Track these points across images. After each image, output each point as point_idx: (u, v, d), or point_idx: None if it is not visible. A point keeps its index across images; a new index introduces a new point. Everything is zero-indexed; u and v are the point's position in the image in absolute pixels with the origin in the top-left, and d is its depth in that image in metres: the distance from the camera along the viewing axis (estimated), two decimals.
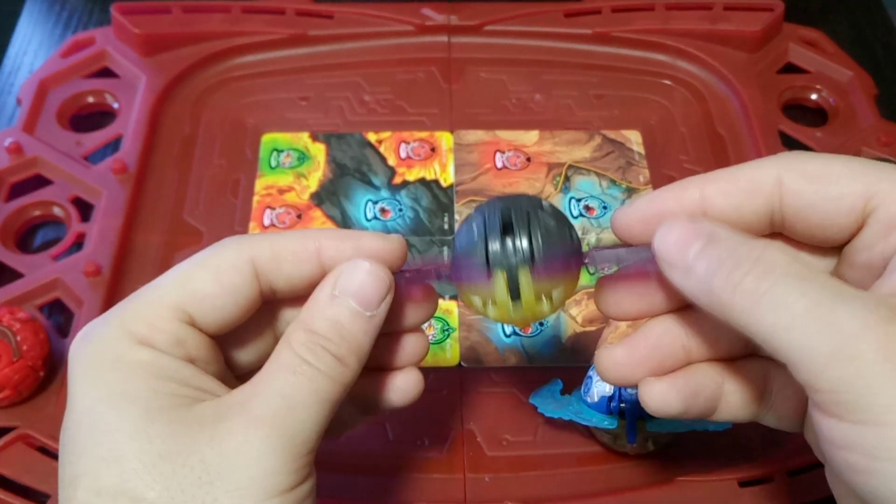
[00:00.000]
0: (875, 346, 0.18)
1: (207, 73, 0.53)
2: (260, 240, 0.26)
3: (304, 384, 0.24)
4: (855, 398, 0.19)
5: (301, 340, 0.25)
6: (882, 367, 0.18)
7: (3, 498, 0.35)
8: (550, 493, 0.36)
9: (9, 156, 0.47)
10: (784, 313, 0.20)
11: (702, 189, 0.25)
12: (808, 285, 0.20)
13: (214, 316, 0.25)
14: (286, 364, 0.25)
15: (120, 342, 0.24)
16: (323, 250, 0.26)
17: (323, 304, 0.26)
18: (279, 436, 0.23)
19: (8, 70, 0.54)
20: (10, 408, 0.38)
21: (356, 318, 0.25)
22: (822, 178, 0.24)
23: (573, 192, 0.47)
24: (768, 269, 0.21)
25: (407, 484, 0.37)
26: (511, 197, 0.26)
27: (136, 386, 0.23)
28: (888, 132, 0.48)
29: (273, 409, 0.23)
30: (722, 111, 0.51)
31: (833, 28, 0.55)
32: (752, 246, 0.22)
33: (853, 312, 0.19)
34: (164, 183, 0.48)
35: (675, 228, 0.23)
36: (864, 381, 0.18)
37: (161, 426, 0.23)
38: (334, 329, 0.25)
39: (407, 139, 0.50)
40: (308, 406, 0.24)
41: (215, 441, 0.23)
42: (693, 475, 0.36)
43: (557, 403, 0.36)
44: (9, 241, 0.45)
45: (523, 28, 0.54)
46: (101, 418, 0.23)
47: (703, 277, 0.22)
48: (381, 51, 0.54)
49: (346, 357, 0.25)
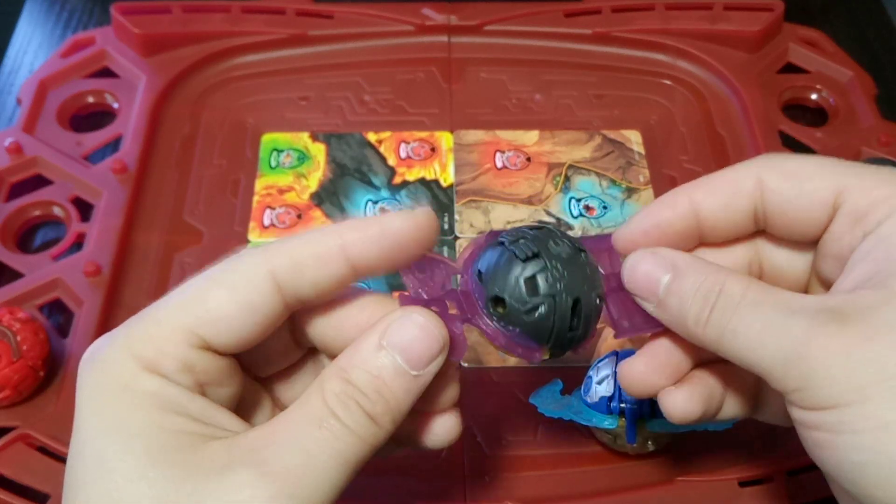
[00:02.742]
0: (819, 346, 0.22)
1: (207, 73, 0.53)
2: (277, 249, 0.24)
3: (329, 442, 0.22)
4: (814, 391, 0.22)
5: (335, 391, 0.23)
6: (828, 363, 0.21)
7: (3, 498, 0.35)
8: (550, 493, 0.36)
9: (9, 156, 0.47)
10: (746, 338, 0.23)
11: (690, 196, 0.26)
12: (762, 308, 0.23)
13: (231, 336, 0.24)
14: (313, 414, 0.23)
15: (126, 367, 0.23)
16: (347, 246, 0.24)
17: (366, 355, 0.23)
18: (290, 496, 0.21)
19: (8, 70, 0.54)
20: (10, 408, 0.38)
21: (400, 375, 0.23)
22: (796, 175, 0.25)
23: (573, 192, 0.47)
24: (729, 302, 0.24)
25: (407, 484, 0.37)
26: (568, 261, 0.25)
27: (139, 420, 0.22)
28: (888, 132, 0.48)
29: (289, 466, 0.21)
30: (722, 111, 0.51)
31: (833, 28, 0.55)
32: (713, 280, 0.24)
33: (799, 322, 0.22)
34: (164, 183, 0.48)
35: (640, 263, 0.26)
36: (817, 376, 0.22)
37: (163, 469, 0.21)
38: (373, 385, 0.23)
39: (407, 139, 0.50)
40: (328, 467, 0.22)
41: (220, 492, 0.21)
42: (693, 475, 0.36)
43: (557, 403, 0.36)
44: (9, 241, 0.45)
45: (523, 28, 0.54)
46: (102, 454, 0.22)
47: (676, 315, 0.25)
48: (381, 51, 0.53)
49: (381, 417, 0.23)
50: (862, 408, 0.21)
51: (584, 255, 0.26)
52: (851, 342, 0.21)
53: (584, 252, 0.26)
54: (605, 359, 0.36)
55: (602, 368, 0.35)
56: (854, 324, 0.22)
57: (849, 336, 0.21)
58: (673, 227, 0.27)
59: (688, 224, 0.27)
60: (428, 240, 0.25)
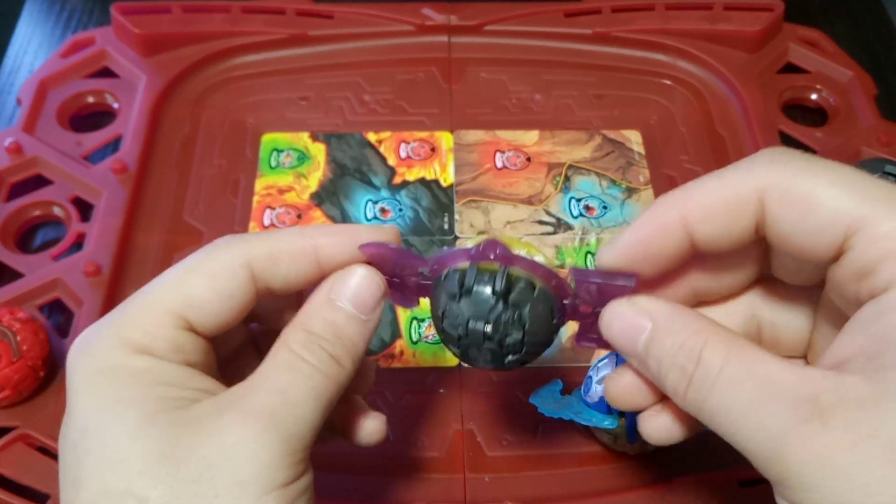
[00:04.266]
0: (797, 448, 0.20)
1: (207, 73, 0.53)
2: (256, 240, 0.26)
3: (301, 380, 0.25)
4: (793, 494, 0.21)
5: (299, 339, 0.25)
6: (805, 469, 0.20)
7: (3, 498, 0.35)
8: (550, 493, 0.36)
9: (9, 156, 0.47)
10: (724, 420, 0.22)
11: (681, 211, 0.24)
12: (740, 388, 0.22)
13: (211, 320, 0.26)
14: (283, 361, 0.25)
15: (117, 352, 0.24)
16: (319, 248, 0.26)
17: (321, 307, 0.26)
18: (275, 430, 0.23)
19: (8, 70, 0.54)
20: (10, 408, 0.38)
21: (352, 320, 0.26)
22: (803, 206, 0.22)
23: (573, 191, 0.47)
24: (706, 376, 0.22)
25: (407, 484, 0.37)
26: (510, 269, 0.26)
27: (133, 392, 0.24)
28: (888, 132, 0.48)
29: (270, 404, 0.24)
30: (722, 111, 0.51)
31: (833, 28, 0.55)
32: (692, 344, 0.23)
33: (778, 415, 0.21)
34: (164, 183, 0.48)
35: (617, 318, 0.25)
36: (794, 479, 0.20)
37: (162, 428, 0.23)
38: (331, 329, 0.26)
39: (407, 139, 0.50)
40: (305, 402, 0.24)
41: (214, 436, 0.23)
42: (693, 475, 0.36)
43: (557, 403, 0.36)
44: (9, 241, 0.45)
45: (523, 28, 0.54)
46: (104, 424, 0.23)
47: (655, 378, 0.24)
48: (381, 51, 0.54)
49: (342, 357, 0.26)
50: None
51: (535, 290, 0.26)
52: (831, 448, 0.20)
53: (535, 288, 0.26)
54: (605, 359, 0.36)
55: (602, 368, 0.35)
56: (836, 426, 0.20)
57: (828, 440, 0.20)
58: (662, 252, 0.25)
59: (679, 248, 0.25)
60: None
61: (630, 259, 0.25)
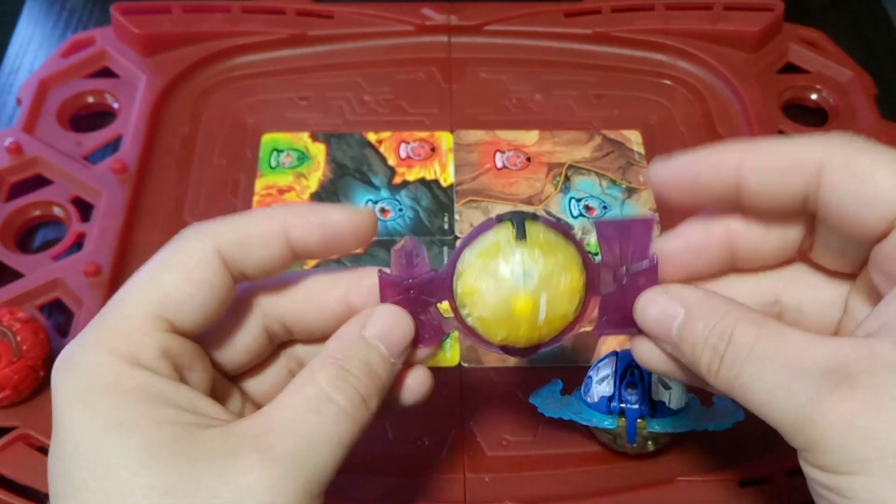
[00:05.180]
0: (824, 413, 0.21)
1: (207, 73, 0.53)
2: (222, 226, 0.26)
3: (328, 426, 0.24)
4: (820, 455, 0.21)
5: (332, 375, 0.25)
6: (831, 431, 0.21)
7: (3, 498, 0.35)
8: (550, 493, 0.36)
9: (9, 156, 0.47)
10: (754, 394, 0.23)
11: (741, 159, 0.24)
12: (770, 364, 0.22)
13: (192, 316, 0.25)
14: (310, 400, 0.24)
15: (106, 364, 0.23)
16: (289, 229, 0.26)
17: (354, 344, 0.26)
18: (296, 477, 0.22)
19: (8, 70, 0.54)
20: (10, 408, 0.38)
21: (384, 362, 0.26)
22: (861, 178, 0.23)
23: (573, 192, 0.47)
24: (738, 354, 0.23)
25: (407, 484, 0.37)
26: None
27: (132, 415, 0.22)
28: (888, 132, 0.48)
29: (292, 449, 0.23)
30: (722, 111, 0.51)
31: (833, 28, 0.55)
32: (723, 326, 0.24)
33: (806, 386, 0.21)
34: (164, 183, 0.48)
35: (651, 306, 0.25)
36: (822, 443, 0.21)
37: (166, 461, 0.22)
38: (366, 369, 0.25)
39: (407, 139, 0.50)
40: (327, 449, 0.23)
41: (227, 477, 0.22)
42: (693, 475, 0.36)
43: (557, 403, 0.36)
44: (9, 241, 0.44)
45: (523, 28, 0.54)
46: (102, 452, 0.22)
47: (689, 361, 0.25)
48: (381, 51, 0.54)
49: (371, 399, 0.25)
50: (862, 480, 0.20)
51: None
52: (857, 410, 0.21)
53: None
54: (605, 359, 0.36)
55: (602, 368, 0.35)
56: (862, 389, 0.21)
57: (855, 403, 0.21)
58: (711, 186, 0.25)
59: (727, 188, 0.25)
60: (365, 235, 0.26)
61: (680, 179, 0.25)
